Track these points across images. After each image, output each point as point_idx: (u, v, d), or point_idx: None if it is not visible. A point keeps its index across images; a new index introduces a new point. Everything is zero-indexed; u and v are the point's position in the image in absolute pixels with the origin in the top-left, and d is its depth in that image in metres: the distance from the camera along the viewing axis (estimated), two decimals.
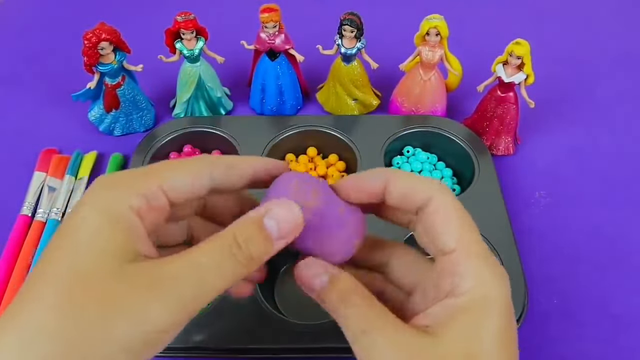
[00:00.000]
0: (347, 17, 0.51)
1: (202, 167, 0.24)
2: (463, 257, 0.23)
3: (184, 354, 0.39)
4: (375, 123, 0.55)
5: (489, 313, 0.22)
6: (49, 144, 0.55)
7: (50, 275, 0.20)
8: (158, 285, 0.20)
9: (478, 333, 0.22)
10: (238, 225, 0.23)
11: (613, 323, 0.43)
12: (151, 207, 0.23)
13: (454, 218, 0.24)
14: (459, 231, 0.24)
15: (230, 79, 0.61)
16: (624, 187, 0.53)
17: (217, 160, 0.25)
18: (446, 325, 0.22)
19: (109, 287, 0.20)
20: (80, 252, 0.20)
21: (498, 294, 0.23)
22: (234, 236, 0.22)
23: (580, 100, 0.62)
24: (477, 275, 0.23)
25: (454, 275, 0.23)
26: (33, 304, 0.20)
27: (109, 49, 0.50)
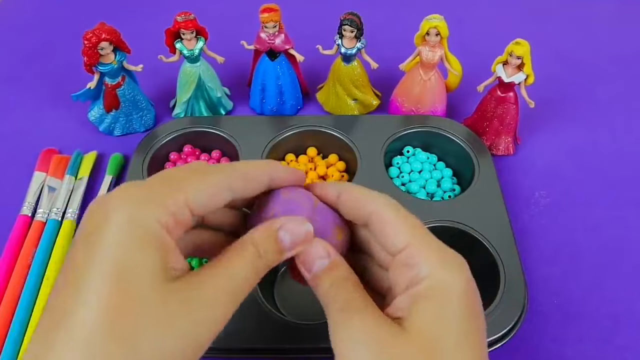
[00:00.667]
0: (347, 17, 0.51)
1: (223, 179, 0.25)
2: (417, 249, 0.25)
3: None
4: (375, 123, 0.55)
5: (449, 298, 0.23)
6: (49, 144, 0.55)
7: (94, 279, 0.20)
8: (207, 302, 0.22)
9: (439, 319, 0.23)
10: (258, 236, 0.25)
11: (612, 323, 0.43)
12: (177, 222, 0.23)
13: (403, 221, 0.26)
14: (410, 230, 0.26)
15: (230, 79, 0.61)
16: (624, 187, 0.53)
17: (234, 171, 0.26)
18: (410, 313, 0.23)
19: (157, 309, 0.21)
20: (122, 269, 0.21)
21: (456, 279, 0.24)
22: (257, 248, 0.25)
23: (580, 100, 0.62)
24: (433, 262, 0.24)
25: (411, 266, 0.24)
26: (83, 307, 0.20)
27: (109, 49, 0.50)
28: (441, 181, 0.52)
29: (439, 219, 0.46)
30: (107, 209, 0.22)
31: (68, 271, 0.22)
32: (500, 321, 0.40)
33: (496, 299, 0.41)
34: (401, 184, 0.51)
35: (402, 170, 0.52)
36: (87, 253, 0.21)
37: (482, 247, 0.44)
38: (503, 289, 0.41)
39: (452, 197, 0.50)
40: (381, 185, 0.49)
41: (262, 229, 0.25)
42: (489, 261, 0.43)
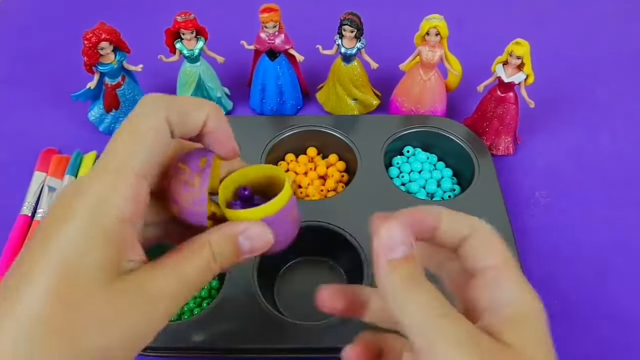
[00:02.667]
0: (347, 17, 0.51)
1: (159, 135, 0.24)
2: (505, 271, 0.25)
3: (184, 354, 0.39)
4: (375, 123, 0.55)
5: (541, 323, 0.24)
6: (49, 144, 0.55)
7: (44, 272, 0.21)
8: (152, 302, 0.22)
9: (538, 341, 0.23)
10: (216, 239, 0.24)
11: (613, 323, 0.43)
12: (138, 203, 0.23)
13: (497, 241, 0.26)
14: (501, 252, 0.25)
15: (230, 79, 0.61)
16: (624, 187, 0.53)
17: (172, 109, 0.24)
18: (504, 331, 0.23)
19: (100, 308, 0.21)
20: (72, 265, 0.21)
21: (540, 306, 0.24)
22: (212, 250, 0.24)
23: (580, 100, 0.62)
24: (523, 288, 0.25)
25: (498, 286, 0.24)
26: (29, 296, 0.20)
27: (109, 49, 0.50)
28: (441, 181, 0.52)
29: None
30: (71, 200, 0.22)
31: (25, 255, 0.22)
32: None
33: None
34: (401, 184, 0.51)
35: (402, 170, 0.52)
36: (44, 243, 0.21)
37: None
38: None
39: (452, 197, 0.50)
40: (381, 185, 0.49)
41: (220, 232, 0.25)
42: None
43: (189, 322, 0.40)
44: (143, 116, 0.24)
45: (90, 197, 0.22)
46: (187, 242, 0.24)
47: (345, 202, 0.47)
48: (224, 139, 0.26)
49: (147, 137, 0.23)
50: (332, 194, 0.50)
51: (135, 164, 0.22)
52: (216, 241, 0.24)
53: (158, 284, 0.22)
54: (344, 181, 0.52)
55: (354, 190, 0.49)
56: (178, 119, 0.24)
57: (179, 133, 0.24)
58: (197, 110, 0.24)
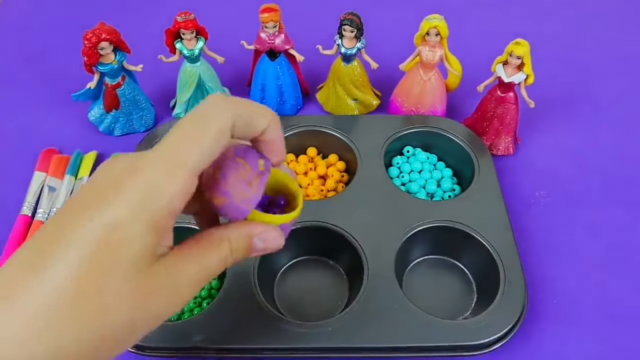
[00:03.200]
0: (347, 17, 0.51)
1: (222, 137, 0.24)
2: None
3: (184, 354, 0.39)
4: (375, 123, 0.55)
5: None
6: (49, 144, 0.55)
7: (84, 239, 0.21)
8: (178, 287, 0.24)
9: None
10: (235, 236, 0.26)
11: (613, 323, 0.43)
12: (186, 198, 0.23)
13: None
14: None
15: (230, 79, 0.61)
16: (624, 186, 0.53)
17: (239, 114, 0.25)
18: None
19: (133, 282, 0.22)
20: (115, 236, 0.21)
21: None
22: (230, 246, 0.26)
23: (580, 100, 0.62)
24: None
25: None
26: (64, 258, 0.21)
27: (109, 49, 0.50)
28: (441, 181, 0.52)
29: (439, 219, 0.46)
30: (123, 176, 0.22)
31: (60, 220, 0.22)
32: (500, 321, 0.40)
33: (496, 299, 0.41)
34: (401, 184, 0.51)
35: (402, 170, 0.52)
36: (85, 211, 0.22)
37: (482, 247, 0.44)
38: (503, 289, 0.41)
39: (452, 197, 0.50)
40: (381, 185, 0.49)
41: (240, 231, 0.27)
42: (489, 261, 0.43)
43: (189, 322, 0.40)
44: (210, 116, 0.24)
45: (144, 182, 0.22)
46: (206, 234, 0.26)
47: (345, 202, 0.47)
48: (279, 149, 0.27)
49: (210, 138, 0.23)
50: (332, 194, 0.50)
51: (193, 162, 0.23)
52: (235, 238, 0.26)
53: (185, 271, 0.24)
54: (344, 181, 0.52)
55: (354, 190, 0.49)
56: (241, 123, 0.25)
57: (237, 135, 0.25)
58: (260, 118, 0.25)
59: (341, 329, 0.39)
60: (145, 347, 0.39)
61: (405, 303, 0.41)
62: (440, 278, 0.46)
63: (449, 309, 0.43)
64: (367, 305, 0.41)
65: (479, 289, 0.45)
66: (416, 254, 0.47)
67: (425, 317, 0.40)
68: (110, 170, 0.23)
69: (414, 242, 0.45)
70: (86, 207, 0.22)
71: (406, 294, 0.41)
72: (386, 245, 0.44)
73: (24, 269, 0.21)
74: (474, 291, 0.45)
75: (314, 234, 0.45)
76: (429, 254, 0.47)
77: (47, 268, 0.21)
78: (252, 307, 0.40)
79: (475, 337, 0.39)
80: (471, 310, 0.44)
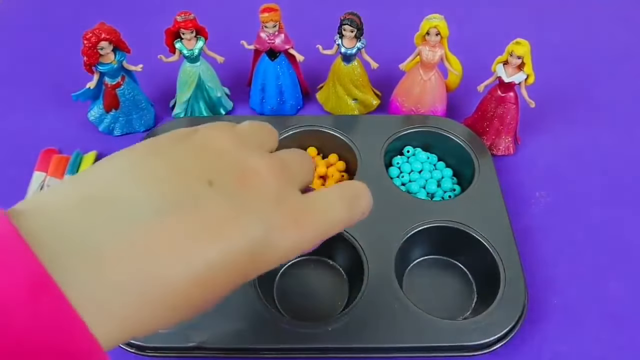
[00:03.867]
0: (347, 17, 0.51)
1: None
2: None
3: (184, 354, 0.39)
4: (375, 123, 0.55)
5: None
6: (49, 144, 0.55)
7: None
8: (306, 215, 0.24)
9: None
10: (359, 184, 0.28)
11: (613, 323, 0.43)
12: None
13: None
14: None
15: (230, 79, 0.61)
16: (624, 187, 0.53)
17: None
18: None
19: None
20: None
21: None
22: (355, 191, 0.27)
23: (580, 100, 0.62)
24: None
25: None
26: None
27: (109, 48, 0.50)
28: (441, 181, 0.52)
29: (439, 219, 0.46)
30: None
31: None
32: (500, 321, 0.40)
33: (496, 299, 0.41)
34: (401, 184, 0.51)
35: (402, 170, 0.52)
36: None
37: (482, 247, 0.44)
38: (503, 289, 0.41)
39: (452, 197, 0.50)
40: (381, 185, 0.49)
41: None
42: (489, 261, 0.43)
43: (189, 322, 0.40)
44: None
45: None
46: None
47: None
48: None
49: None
50: None
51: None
52: (356, 187, 0.28)
53: (314, 199, 0.26)
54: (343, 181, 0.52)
55: None
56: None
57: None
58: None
59: (341, 329, 0.39)
60: (146, 348, 0.39)
61: (405, 303, 0.41)
62: (440, 278, 0.46)
63: (449, 309, 0.43)
64: (367, 305, 0.40)
65: (479, 289, 0.45)
66: (416, 254, 0.47)
67: (425, 317, 0.40)
68: None
69: (414, 242, 0.45)
70: None
71: (406, 294, 0.41)
72: (386, 245, 0.44)
73: None
74: (474, 291, 0.45)
75: None
76: (429, 254, 0.47)
77: None
78: (252, 307, 0.40)
79: (475, 337, 0.39)
80: (471, 310, 0.44)
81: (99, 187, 0.20)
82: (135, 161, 0.22)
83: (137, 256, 0.19)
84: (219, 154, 0.23)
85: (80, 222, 0.19)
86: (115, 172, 0.21)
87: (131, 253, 0.19)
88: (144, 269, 0.19)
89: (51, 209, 0.19)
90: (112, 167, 0.22)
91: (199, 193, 0.21)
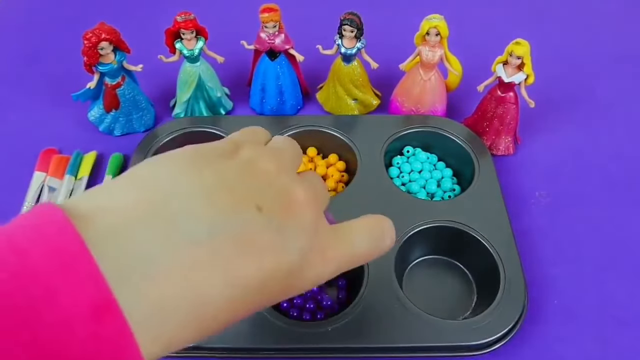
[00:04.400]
0: (347, 17, 0.51)
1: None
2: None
3: (184, 354, 0.39)
4: (375, 123, 0.55)
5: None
6: (49, 144, 0.55)
7: None
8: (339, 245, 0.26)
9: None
10: (387, 222, 0.29)
11: (613, 323, 0.43)
12: None
13: None
14: None
15: (230, 79, 0.61)
16: (624, 187, 0.53)
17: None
18: None
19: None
20: None
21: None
22: (383, 230, 0.28)
23: (580, 100, 0.62)
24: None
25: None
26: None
27: (109, 49, 0.50)
28: (441, 181, 0.52)
29: (439, 219, 0.46)
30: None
31: None
32: (500, 321, 0.40)
33: (496, 299, 0.41)
34: (401, 184, 0.51)
35: (402, 170, 0.52)
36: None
37: (482, 247, 0.44)
38: (503, 289, 0.41)
39: (452, 197, 0.50)
40: (381, 185, 0.49)
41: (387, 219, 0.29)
42: (489, 261, 0.43)
43: None
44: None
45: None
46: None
47: (345, 202, 0.47)
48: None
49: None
50: (332, 194, 0.50)
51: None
52: (389, 226, 0.29)
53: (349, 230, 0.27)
54: (344, 181, 0.52)
55: (354, 190, 0.49)
56: None
57: None
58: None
59: (341, 329, 0.39)
60: None
61: (405, 303, 0.41)
62: (440, 278, 0.46)
63: (449, 309, 0.43)
64: (367, 305, 0.40)
65: (479, 289, 0.45)
66: (416, 254, 0.47)
67: (425, 317, 0.40)
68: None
69: (414, 242, 0.45)
70: None
71: (406, 294, 0.41)
72: None
73: None
74: (474, 291, 0.45)
75: None
76: (429, 254, 0.47)
77: None
78: None
79: (475, 337, 0.39)
80: (471, 310, 0.44)
81: (157, 195, 0.20)
82: (186, 170, 0.22)
83: (187, 275, 0.19)
84: (266, 179, 0.24)
85: (142, 237, 0.18)
86: (169, 179, 0.21)
87: (182, 272, 0.19)
88: (192, 288, 0.19)
89: (112, 217, 0.19)
90: (166, 173, 0.21)
91: (249, 218, 0.21)
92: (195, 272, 0.19)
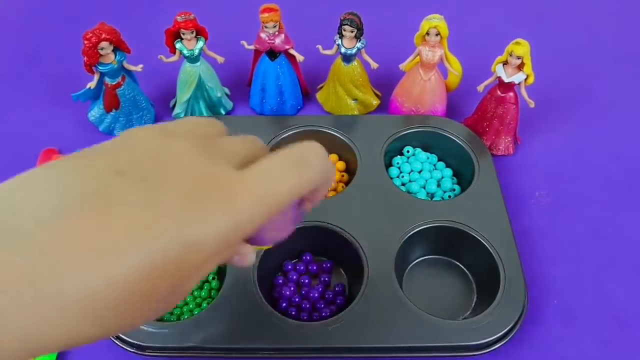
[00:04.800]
0: (347, 17, 0.51)
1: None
2: None
3: (184, 354, 0.39)
4: (375, 123, 0.55)
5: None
6: (49, 144, 0.55)
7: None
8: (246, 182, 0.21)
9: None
10: (305, 145, 0.24)
11: (613, 323, 0.43)
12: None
13: None
14: None
15: (230, 79, 0.61)
16: (624, 187, 0.53)
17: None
18: None
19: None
20: None
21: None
22: (301, 154, 0.24)
23: (580, 100, 0.62)
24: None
25: None
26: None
27: (109, 49, 0.50)
28: (441, 181, 0.52)
29: (439, 219, 0.46)
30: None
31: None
32: (500, 321, 0.40)
33: (496, 299, 0.41)
34: (401, 184, 0.51)
35: (402, 170, 0.52)
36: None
37: (482, 247, 0.44)
38: (503, 289, 0.41)
39: (452, 197, 0.50)
40: (381, 185, 0.49)
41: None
42: (489, 261, 0.43)
43: (189, 322, 0.40)
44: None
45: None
46: None
47: (345, 202, 0.47)
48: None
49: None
50: (332, 193, 0.50)
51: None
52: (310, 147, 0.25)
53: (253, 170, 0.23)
54: (344, 181, 0.52)
55: (354, 190, 0.49)
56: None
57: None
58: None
59: (341, 329, 0.39)
60: (145, 347, 0.39)
61: (405, 303, 0.41)
62: (440, 278, 0.46)
63: (449, 309, 0.43)
64: (367, 305, 0.41)
65: (479, 289, 0.45)
66: (416, 254, 0.47)
67: (425, 317, 0.40)
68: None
69: (414, 242, 0.45)
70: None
71: (406, 294, 0.41)
72: (386, 245, 0.44)
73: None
74: (474, 291, 0.45)
75: (313, 234, 0.45)
76: (429, 254, 0.47)
77: None
78: (252, 307, 0.40)
79: (475, 337, 0.39)
80: (471, 310, 0.44)
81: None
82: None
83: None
84: (134, 145, 0.20)
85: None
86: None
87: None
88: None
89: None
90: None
91: (108, 184, 0.18)
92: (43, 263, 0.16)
